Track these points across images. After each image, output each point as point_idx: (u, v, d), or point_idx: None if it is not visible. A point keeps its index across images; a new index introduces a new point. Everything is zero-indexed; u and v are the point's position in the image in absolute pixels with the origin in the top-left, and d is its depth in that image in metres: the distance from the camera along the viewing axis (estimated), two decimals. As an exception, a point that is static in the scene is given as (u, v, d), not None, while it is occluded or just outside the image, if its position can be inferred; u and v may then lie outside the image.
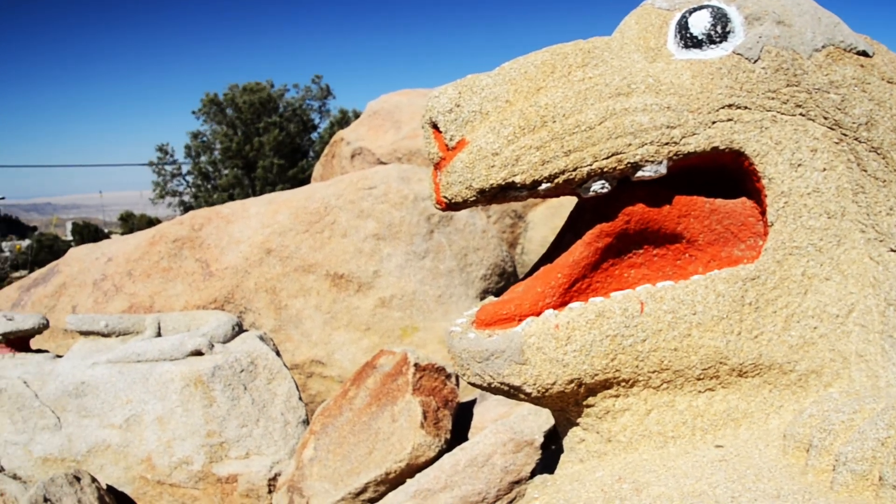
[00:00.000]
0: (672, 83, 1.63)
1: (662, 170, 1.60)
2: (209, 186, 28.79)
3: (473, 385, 1.71)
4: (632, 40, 1.76)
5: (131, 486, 3.65)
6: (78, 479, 3.37)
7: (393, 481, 3.21)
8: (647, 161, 1.58)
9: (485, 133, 1.57)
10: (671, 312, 1.62)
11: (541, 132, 1.55)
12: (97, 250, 5.64)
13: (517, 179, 1.55)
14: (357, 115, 30.04)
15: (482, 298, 5.42)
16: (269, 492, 3.61)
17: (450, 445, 3.28)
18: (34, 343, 4.30)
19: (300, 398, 3.84)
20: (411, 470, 3.19)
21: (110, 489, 3.59)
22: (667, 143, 1.59)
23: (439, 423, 3.27)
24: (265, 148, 25.84)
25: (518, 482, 2.91)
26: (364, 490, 3.22)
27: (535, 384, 1.61)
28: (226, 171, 27.53)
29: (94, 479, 3.46)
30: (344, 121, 28.09)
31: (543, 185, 1.56)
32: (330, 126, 28.26)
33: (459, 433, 3.50)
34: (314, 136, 29.95)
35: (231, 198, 26.24)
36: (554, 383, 1.61)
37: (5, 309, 5.41)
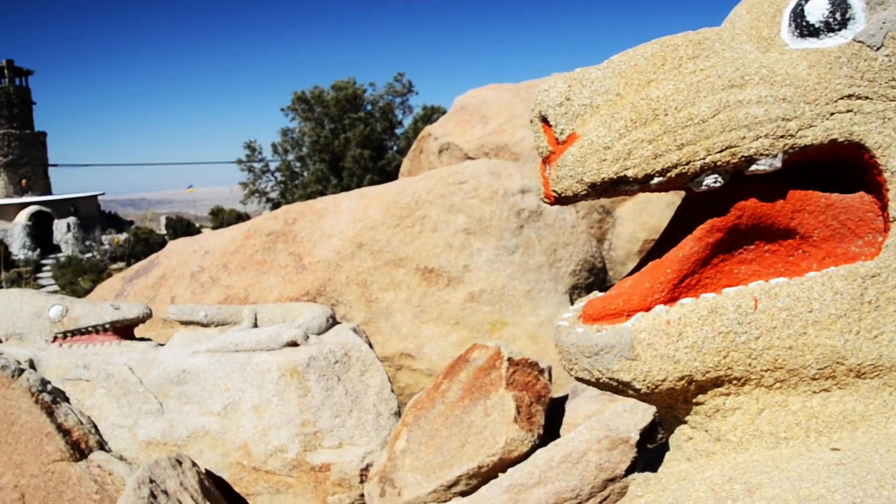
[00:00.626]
0: (787, 74, 1.58)
1: (777, 163, 1.56)
2: (295, 184, 29.32)
3: (580, 380, 1.70)
4: (743, 30, 1.72)
5: (228, 471, 3.75)
6: (180, 463, 3.48)
7: (485, 475, 3.21)
8: (761, 154, 1.54)
9: (596, 127, 1.55)
10: (786, 310, 1.57)
11: (653, 125, 1.52)
12: (195, 243, 5.80)
13: (629, 174, 1.53)
14: (441, 112, 30.22)
15: (571, 294, 5.38)
16: (361, 482, 3.66)
17: (542, 441, 3.27)
18: (137, 332, 4.45)
19: (392, 390, 3.87)
20: (503, 464, 3.19)
21: (209, 474, 3.69)
22: (782, 136, 1.54)
23: (532, 418, 3.26)
24: (351, 143, 26.18)
25: (612, 480, 2.88)
26: (456, 483, 3.23)
27: (644, 380, 1.59)
28: (312, 166, 27.99)
29: (194, 464, 3.56)
30: (427, 117, 28.26)
31: (655, 180, 1.54)
32: (413, 122, 28.48)
33: (551, 429, 3.48)
34: (398, 131, 30.24)
35: (317, 194, 26.68)
36: (664, 380, 1.58)
37: (109, 298, 5.61)
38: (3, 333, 4.28)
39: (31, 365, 4.00)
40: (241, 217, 44.18)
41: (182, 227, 45.78)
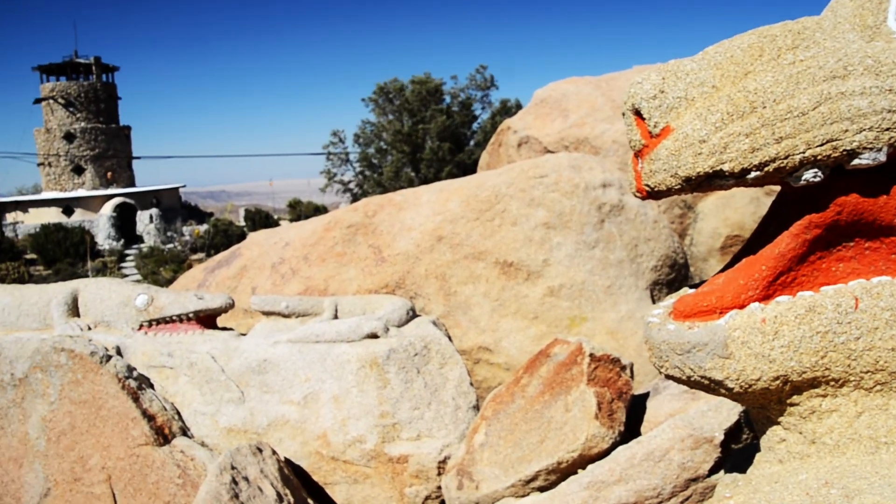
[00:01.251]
0: (894, 63, 1.52)
1: (882, 157, 1.50)
2: (374, 176, 29.60)
3: (670, 378, 1.67)
4: (846, 19, 1.65)
5: (307, 460, 3.80)
6: (260, 451, 3.54)
7: (564, 471, 3.19)
8: (864, 148, 1.48)
9: (691, 120, 1.51)
10: (889, 310, 1.52)
11: (750, 118, 1.48)
12: (275, 235, 5.89)
13: (725, 168, 1.49)
14: (519, 105, 30.09)
15: (652, 290, 5.30)
16: (439, 474, 3.67)
17: (622, 438, 3.23)
18: (218, 321, 4.54)
19: (471, 383, 3.87)
20: (583, 461, 3.16)
21: (287, 462, 3.75)
22: (888, 129, 1.48)
23: (613, 414, 3.22)
24: (431, 135, 26.31)
25: (695, 479, 2.83)
26: (535, 478, 3.22)
27: (738, 379, 1.55)
28: (390, 158, 28.21)
29: (274, 452, 3.62)
30: (504, 110, 28.19)
31: (752, 174, 1.49)
32: (491, 116, 28.45)
33: (631, 426, 3.43)
34: (475, 125, 30.24)
35: (395, 186, 26.88)
36: (758, 379, 1.54)
37: (192, 288, 5.75)
38: (92, 321, 4.43)
39: (118, 352, 4.12)
40: (318, 209, 44.86)
41: (260, 219, 46.66)
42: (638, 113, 1.60)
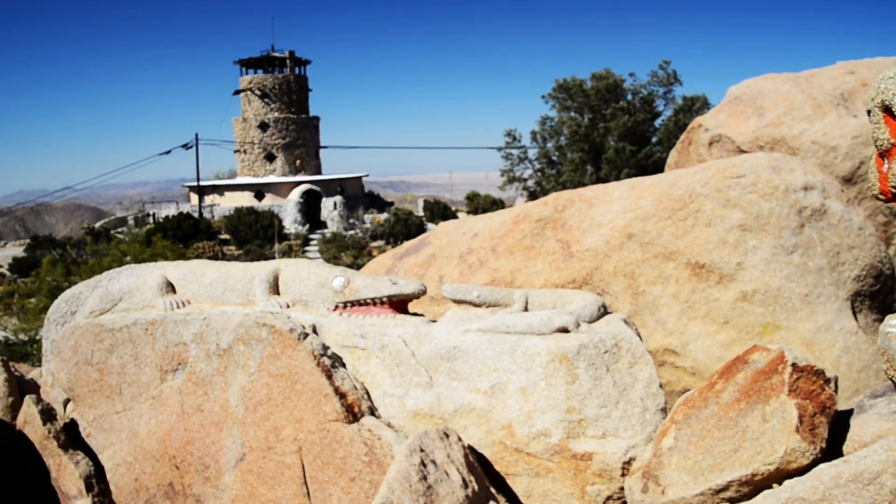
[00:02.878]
0: None
1: None
2: (553, 172, 29.49)
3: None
4: None
5: (490, 449, 3.84)
6: (447, 436, 3.61)
7: (758, 483, 3.06)
8: None
9: (954, 116, 1.40)
10: None
11: None
12: (464, 225, 5.98)
13: None
14: (706, 101, 29.09)
15: (853, 301, 5.00)
16: (622, 475, 3.61)
17: (822, 456, 3.06)
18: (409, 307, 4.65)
19: (660, 385, 3.78)
20: (780, 475, 3.02)
21: (472, 449, 3.79)
22: None
23: (815, 429, 3.06)
24: (612, 134, 25.91)
25: (908, 508, 2.64)
26: (726, 488, 3.11)
27: None
28: (570, 156, 28.03)
29: (459, 438, 3.68)
30: (688, 107, 27.37)
31: None
32: (675, 113, 27.68)
33: (832, 445, 3.25)
34: (657, 123, 29.53)
35: (573, 184, 26.71)
36: None
37: (381, 274, 5.93)
38: (291, 299, 4.65)
39: (314, 330, 4.30)
40: (495, 202, 45.30)
41: (439, 210, 47.63)
42: (888, 110, 1.50)
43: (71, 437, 4.92)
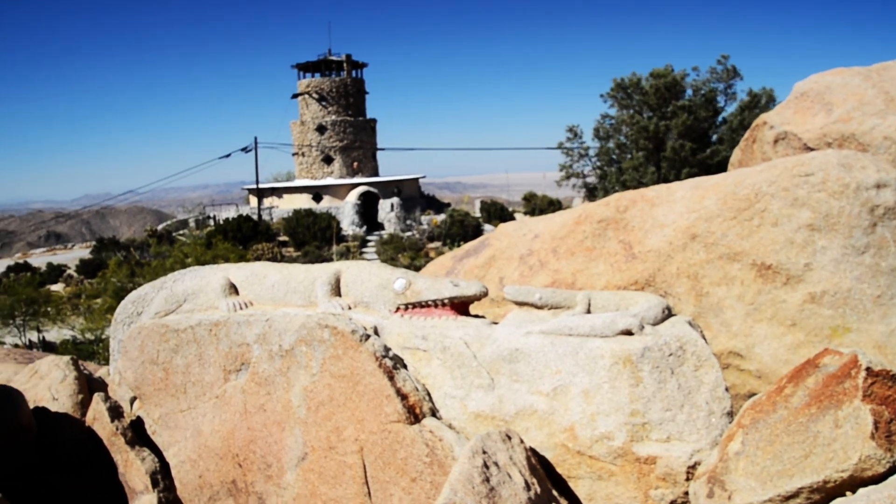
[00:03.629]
0: None
1: None
2: (613, 170, 29.22)
3: None
4: None
5: (552, 452, 3.80)
6: (509, 438, 3.59)
7: (830, 491, 2.98)
8: None
9: None
10: None
11: None
12: (524, 227, 5.94)
13: None
14: (771, 96, 28.51)
15: (927, 303, 4.84)
16: (687, 479, 3.55)
17: (897, 464, 2.96)
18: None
19: (726, 389, 3.71)
20: (853, 482, 2.93)
21: (533, 451, 3.77)
22: None
23: (892, 436, 2.96)
24: (672, 132, 25.56)
25: None
26: (795, 495, 3.03)
27: None
28: (629, 156, 27.74)
29: (521, 440, 3.66)
30: (754, 104, 26.83)
31: None
32: (739, 110, 27.18)
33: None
34: (719, 119, 29.05)
35: (633, 183, 26.46)
36: None
37: (440, 275, 5.93)
38: (353, 301, 4.67)
39: (376, 331, 4.32)
40: (552, 203, 45.12)
41: (496, 211, 47.61)
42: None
43: (137, 435, 5.02)
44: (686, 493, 3.54)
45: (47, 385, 5.89)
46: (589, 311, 4.16)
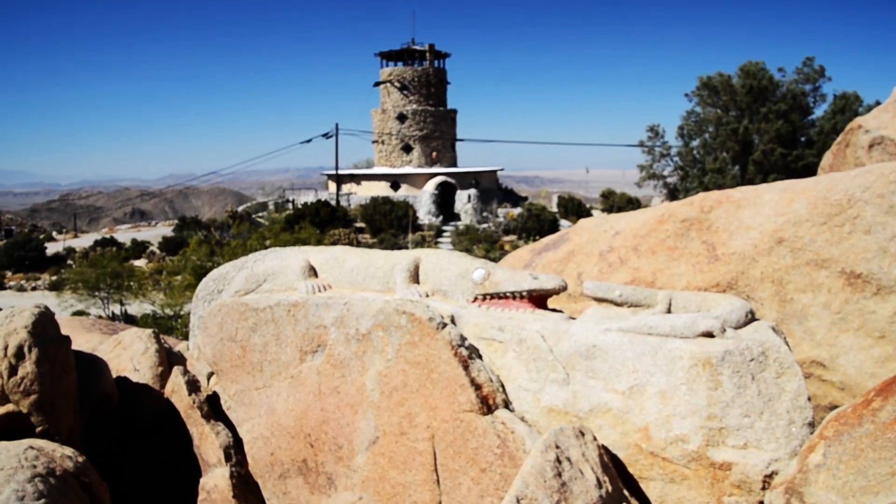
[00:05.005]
0: None
1: None
2: (695, 171, 28.66)
3: None
4: None
5: (625, 451, 3.76)
6: (583, 434, 3.56)
7: (917, 510, 2.88)
8: None
9: None
10: None
11: None
12: (605, 223, 5.88)
13: None
14: (857, 99, 27.57)
15: None
16: (763, 488, 3.47)
17: None
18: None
19: (808, 398, 3.60)
20: (943, 503, 2.83)
21: (606, 450, 3.73)
22: None
23: (985, 457, 2.84)
24: (762, 136, 24.89)
25: None
26: (879, 512, 2.93)
27: None
28: (714, 157, 27.15)
29: (594, 437, 3.62)
30: (848, 106, 25.96)
31: None
32: (832, 113, 26.33)
33: None
34: (809, 119, 28.24)
35: (715, 185, 25.91)
36: None
37: (518, 268, 5.91)
38: (431, 289, 4.69)
39: (452, 320, 4.32)
40: (631, 201, 44.57)
41: (573, 207, 47.27)
42: None
43: (213, 409, 5.14)
44: (760, 503, 3.46)
45: (129, 356, 6.09)
46: (669, 312, 4.10)
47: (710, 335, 3.72)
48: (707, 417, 3.57)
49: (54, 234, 59.25)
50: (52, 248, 44.26)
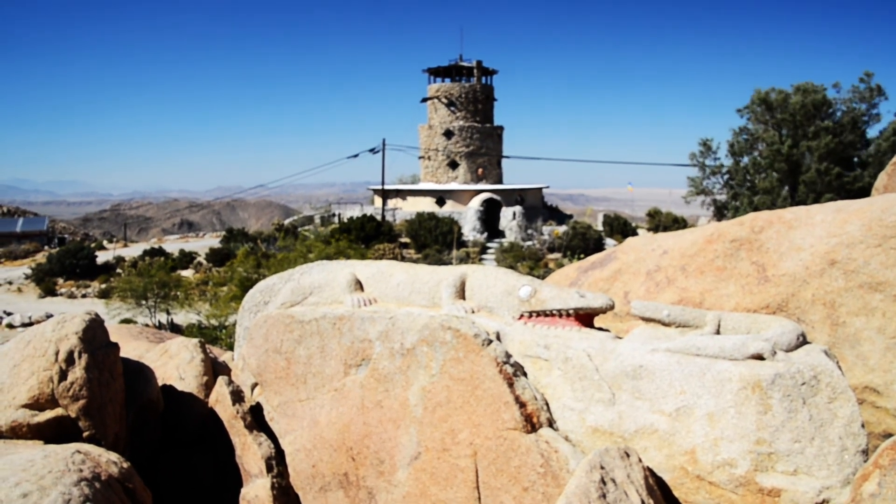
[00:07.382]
0: None
1: None
2: (744, 190, 28.22)
3: None
4: None
5: (670, 474, 3.69)
6: (628, 455, 3.51)
7: (974, 544, 2.78)
8: None
9: None
10: None
11: None
12: (653, 242, 5.82)
13: None
14: (916, 118, 26.82)
15: None
16: (814, 516, 3.38)
17: None
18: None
19: (862, 425, 3.51)
20: None
21: (651, 472, 3.67)
22: None
23: None
24: (814, 155, 24.42)
25: None
26: (936, 545, 2.84)
27: None
28: (763, 175, 26.72)
29: (640, 459, 3.57)
30: (905, 127, 25.37)
31: None
32: (892, 132, 25.73)
33: None
34: (864, 141, 27.66)
35: (764, 206, 25.48)
36: None
37: (564, 285, 5.86)
38: (476, 305, 4.67)
39: (498, 337, 4.30)
40: (677, 220, 44.13)
41: (618, 226, 46.96)
42: None
43: (256, 420, 5.17)
44: (810, 530, 3.38)
45: (175, 364, 6.15)
46: (718, 333, 4.03)
47: (760, 358, 3.64)
48: (756, 442, 3.49)
49: (105, 242, 60.40)
50: (102, 257, 45.06)
